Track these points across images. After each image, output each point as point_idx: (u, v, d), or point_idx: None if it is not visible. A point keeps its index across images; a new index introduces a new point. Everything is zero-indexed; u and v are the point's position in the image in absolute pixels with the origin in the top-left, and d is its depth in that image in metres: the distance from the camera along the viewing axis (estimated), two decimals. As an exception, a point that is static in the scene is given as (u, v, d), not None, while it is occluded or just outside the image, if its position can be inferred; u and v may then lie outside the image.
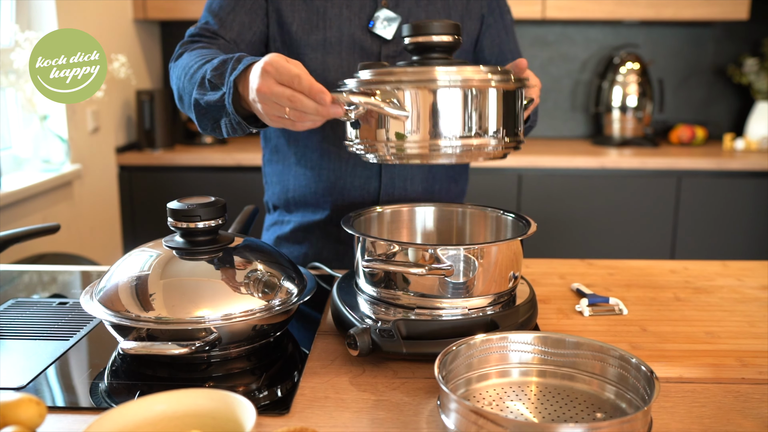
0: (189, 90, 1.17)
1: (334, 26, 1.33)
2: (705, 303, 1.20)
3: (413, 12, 1.36)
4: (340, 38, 1.34)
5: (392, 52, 1.35)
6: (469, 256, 0.99)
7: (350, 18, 1.34)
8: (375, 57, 1.35)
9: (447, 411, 0.78)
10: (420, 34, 1.02)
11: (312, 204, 1.44)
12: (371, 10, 1.34)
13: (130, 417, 0.69)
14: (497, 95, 0.98)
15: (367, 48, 1.34)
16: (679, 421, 0.82)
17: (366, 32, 1.34)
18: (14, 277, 1.37)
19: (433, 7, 1.37)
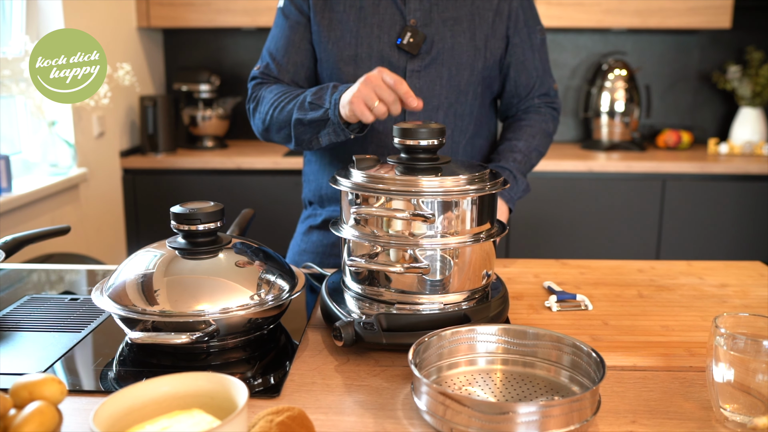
0: (282, 118, 1.45)
1: (365, 43, 1.47)
2: (665, 300, 1.30)
3: (440, 31, 1.47)
4: (370, 54, 1.47)
5: (417, 67, 1.47)
6: (444, 256, 1.09)
7: (380, 36, 1.47)
8: (401, 71, 1.47)
9: (419, 394, 0.88)
10: (408, 138, 1.12)
11: (337, 202, 1.57)
12: (400, 28, 1.46)
13: (138, 396, 0.79)
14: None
15: (394, 62, 1.47)
16: (628, 403, 0.92)
17: (394, 48, 1.47)
18: (24, 276, 1.46)
19: (459, 27, 1.48)
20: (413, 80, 1.47)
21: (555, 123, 1.63)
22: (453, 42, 1.47)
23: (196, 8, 3.23)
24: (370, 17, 1.47)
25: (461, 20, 1.48)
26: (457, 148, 1.53)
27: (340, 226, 1.16)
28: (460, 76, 1.49)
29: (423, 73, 1.47)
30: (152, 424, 0.76)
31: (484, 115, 1.57)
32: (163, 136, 3.22)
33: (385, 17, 1.47)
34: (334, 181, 1.14)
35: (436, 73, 1.48)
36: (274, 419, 0.82)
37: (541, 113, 1.59)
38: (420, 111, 1.46)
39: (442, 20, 1.47)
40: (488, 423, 0.81)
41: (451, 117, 1.51)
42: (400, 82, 1.23)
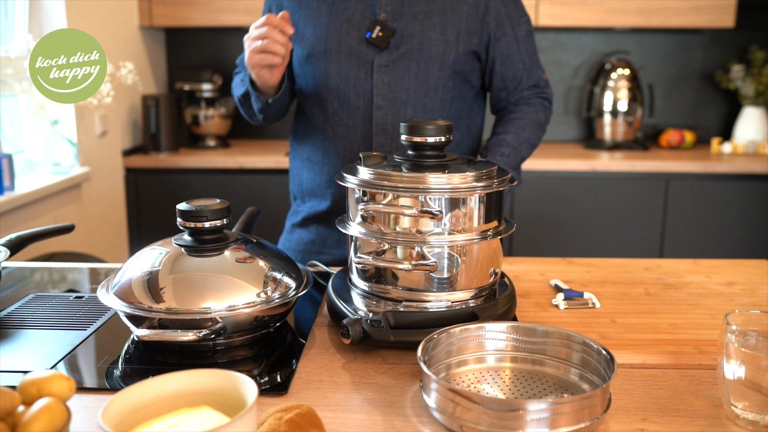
0: (236, 100, 1.61)
1: (334, 38, 1.48)
2: (673, 298, 1.29)
3: (410, 25, 1.47)
4: (339, 48, 1.48)
5: (385, 61, 1.47)
6: (452, 253, 1.08)
7: (349, 31, 1.48)
8: (369, 65, 1.47)
9: (428, 391, 0.87)
10: (415, 134, 1.12)
11: (318, 195, 1.60)
12: (370, 22, 1.46)
13: (147, 393, 0.79)
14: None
15: (362, 57, 1.48)
16: (638, 401, 0.92)
17: (363, 42, 1.47)
18: (27, 275, 1.46)
19: (430, 21, 1.47)
20: (381, 74, 1.48)
21: (547, 113, 1.62)
22: (422, 36, 1.47)
23: (199, 7, 3.22)
24: (341, 12, 1.49)
25: (432, 14, 1.48)
26: None
27: (347, 223, 1.15)
28: (429, 70, 1.49)
29: (391, 67, 1.48)
30: (161, 421, 0.76)
31: (461, 109, 1.56)
32: (166, 135, 3.21)
33: (356, 12, 1.48)
34: (341, 178, 1.14)
35: (404, 67, 1.48)
36: (283, 416, 0.81)
37: (531, 104, 1.59)
38: (388, 106, 1.47)
39: (412, 14, 1.47)
40: (498, 420, 0.80)
41: (420, 111, 1.51)
42: (267, 18, 1.35)
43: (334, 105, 1.52)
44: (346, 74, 1.48)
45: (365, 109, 1.49)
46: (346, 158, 1.54)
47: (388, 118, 1.49)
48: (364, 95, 1.49)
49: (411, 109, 1.50)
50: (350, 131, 1.52)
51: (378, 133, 1.50)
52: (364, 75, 1.48)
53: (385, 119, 1.49)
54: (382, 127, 1.50)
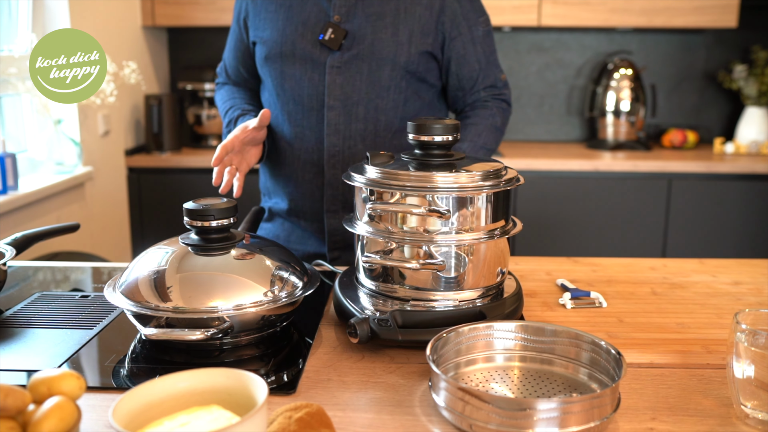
0: (223, 118, 1.63)
1: (289, 41, 1.50)
2: (679, 297, 1.29)
3: (362, 27, 1.48)
4: (293, 51, 1.50)
5: (336, 62, 1.48)
6: (459, 253, 1.08)
7: (304, 33, 1.49)
8: (322, 66, 1.49)
9: (437, 390, 0.87)
10: (423, 134, 1.12)
11: (278, 194, 1.63)
12: (324, 24, 1.48)
13: (156, 392, 0.79)
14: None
15: (315, 58, 1.49)
16: (647, 400, 0.92)
17: (317, 44, 1.49)
18: (30, 275, 1.45)
19: (382, 23, 1.48)
20: (333, 76, 1.48)
21: (505, 115, 1.61)
22: (374, 38, 1.47)
23: (202, 7, 3.22)
24: (296, 15, 1.50)
25: (385, 15, 1.48)
26: (382, 143, 1.53)
27: (354, 222, 1.15)
28: (381, 71, 1.49)
29: (343, 68, 1.48)
30: (171, 420, 0.76)
31: (418, 108, 1.56)
32: (168, 134, 3.21)
33: (311, 14, 1.49)
34: (348, 177, 1.14)
35: (356, 68, 1.48)
36: (292, 416, 0.81)
37: (488, 107, 1.57)
38: (340, 107, 1.49)
39: (365, 16, 1.48)
40: (508, 419, 0.80)
41: (372, 112, 1.51)
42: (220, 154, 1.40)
43: (290, 106, 1.53)
44: (301, 76, 1.50)
45: (318, 110, 1.51)
46: (301, 158, 1.55)
47: (340, 119, 1.50)
48: (317, 96, 1.50)
49: (363, 109, 1.50)
50: (305, 132, 1.53)
51: (330, 134, 1.50)
52: (318, 77, 1.49)
53: (337, 120, 1.50)
54: (334, 127, 1.50)
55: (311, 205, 1.58)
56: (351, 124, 1.50)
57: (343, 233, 1.58)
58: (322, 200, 1.56)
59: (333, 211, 1.56)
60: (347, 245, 1.59)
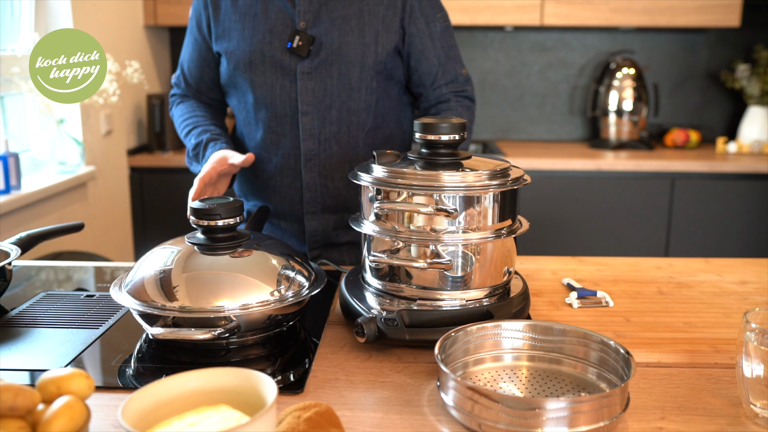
0: (184, 143, 1.60)
1: (258, 49, 1.49)
2: (686, 296, 1.29)
3: (328, 31, 1.48)
4: (263, 59, 1.50)
5: (307, 68, 1.48)
6: (466, 252, 1.08)
7: (271, 41, 1.49)
8: (293, 73, 1.49)
9: (446, 389, 0.87)
10: (429, 133, 1.12)
11: (259, 198, 1.63)
12: (291, 31, 1.48)
13: (165, 392, 0.78)
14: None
15: (285, 66, 1.49)
16: (655, 399, 0.91)
17: (285, 52, 1.48)
18: (32, 274, 1.45)
19: (347, 26, 1.48)
20: (305, 82, 1.49)
21: (469, 112, 1.61)
22: (341, 41, 1.48)
23: (204, 6, 3.21)
24: (262, 24, 1.49)
25: (350, 18, 1.48)
26: (356, 142, 1.54)
27: (360, 221, 1.15)
28: (351, 73, 1.49)
29: (314, 74, 1.49)
30: (180, 419, 0.75)
31: (388, 106, 1.57)
32: (170, 134, 3.21)
33: (277, 22, 1.49)
34: (354, 176, 1.13)
35: (326, 72, 1.49)
36: (301, 415, 0.81)
37: (452, 108, 1.58)
38: (313, 111, 1.50)
39: (330, 20, 1.48)
40: (518, 419, 0.80)
41: (345, 113, 1.51)
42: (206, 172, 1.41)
43: (263, 114, 1.53)
44: (272, 84, 1.50)
45: (292, 116, 1.51)
46: (277, 164, 1.55)
47: (314, 123, 1.50)
48: (290, 103, 1.50)
49: (335, 112, 1.51)
50: (280, 138, 1.53)
51: (306, 138, 1.51)
52: (289, 83, 1.49)
53: (312, 124, 1.50)
54: (309, 132, 1.51)
55: (290, 207, 1.59)
56: (325, 127, 1.51)
57: (322, 233, 1.59)
58: (302, 203, 1.57)
59: (312, 212, 1.57)
60: (327, 244, 1.61)
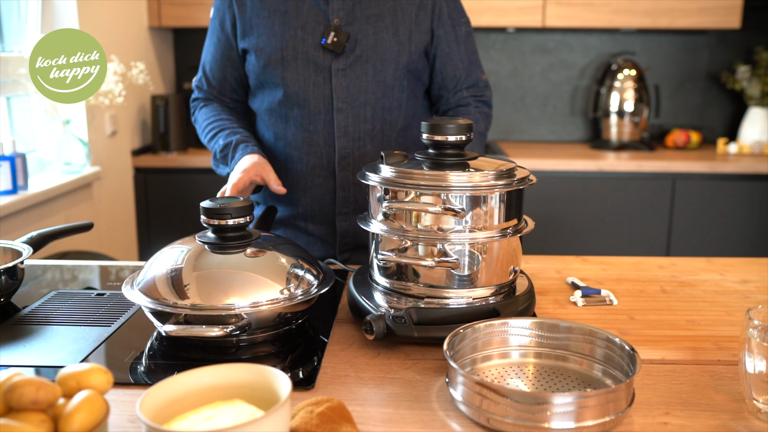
0: (209, 146, 1.59)
1: (290, 45, 1.49)
2: (688, 295, 1.31)
3: (363, 29, 1.49)
4: (295, 56, 1.50)
5: (342, 65, 1.49)
6: (473, 251, 1.10)
7: (304, 38, 1.49)
8: (327, 70, 1.50)
9: (455, 385, 0.89)
10: (436, 133, 1.14)
11: (283, 201, 1.61)
12: (324, 28, 1.49)
13: (181, 387, 0.80)
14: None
15: (319, 62, 1.50)
16: (660, 395, 0.93)
17: (319, 48, 1.49)
18: (38, 274, 1.46)
19: (382, 24, 1.50)
20: (339, 79, 1.50)
21: (487, 120, 1.63)
22: (376, 39, 1.49)
23: (208, 8, 3.23)
24: (293, 20, 1.50)
25: (384, 16, 1.50)
26: (388, 141, 1.55)
27: (368, 221, 1.17)
28: (386, 71, 1.51)
29: (348, 71, 1.50)
30: (196, 414, 0.77)
31: (416, 106, 1.59)
32: (174, 135, 3.22)
33: (309, 19, 1.50)
34: (363, 176, 1.15)
35: (361, 70, 1.50)
36: (314, 410, 0.83)
37: (470, 113, 1.59)
38: (348, 109, 1.50)
39: (365, 18, 1.49)
40: (525, 413, 0.82)
41: (379, 111, 1.53)
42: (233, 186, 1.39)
43: (295, 112, 1.53)
44: (305, 81, 1.50)
45: (326, 114, 1.51)
46: (309, 163, 1.55)
47: (348, 121, 1.51)
48: (324, 100, 1.51)
49: (370, 110, 1.52)
50: (312, 136, 1.53)
51: (340, 136, 1.52)
52: (323, 80, 1.50)
53: (346, 122, 1.51)
54: (343, 130, 1.51)
55: (321, 208, 1.58)
56: (360, 125, 1.52)
57: (353, 235, 1.59)
58: (333, 203, 1.57)
59: (344, 213, 1.57)
60: (357, 246, 1.60)
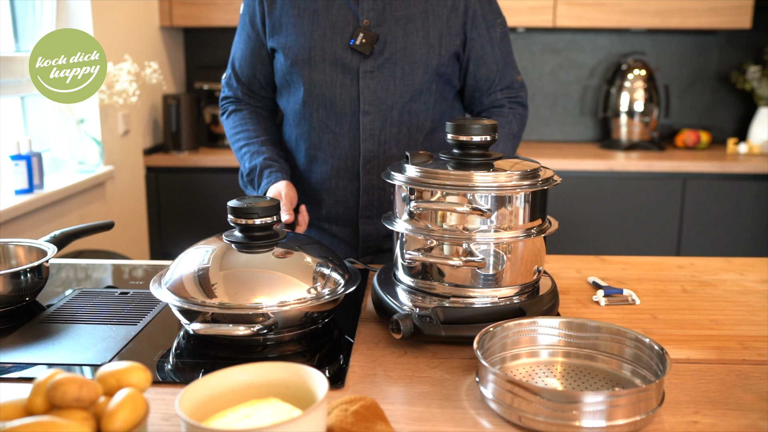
0: (236, 156, 1.59)
1: (318, 45, 1.48)
2: (710, 295, 1.31)
3: (392, 30, 1.48)
4: (323, 56, 1.48)
5: (370, 67, 1.48)
6: (498, 251, 1.10)
7: (333, 38, 1.48)
8: (354, 71, 1.48)
9: (485, 383, 0.89)
10: (461, 134, 1.14)
11: (307, 202, 1.60)
12: (353, 29, 1.47)
13: (217, 384, 0.81)
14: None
15: (347, 64, 1.48)
16: (687, 394, 0.94)
17: (347, 49, 1.48)
18: (53, 273, 1.47)
19: (412, 26, 1.48)
20: (367, 80, 1.48)
21: (521, 121, 1.62)
22: (405, 41, 1.48)
23: (219, 7, 3.24)
24: (323, 20, 1.48)
25: (414, 18, 1.48)
26: (415, 145, 1.54)
27: (393, 220, 1.17)
28: (414, 74, 1.49)
29: (376, 73, 1.48)
30: (233, 411, 0.78)
31: (444, 109, 1.58)
32: (186, 134, 3.23)
33: (339, 19, 1.48)
34: (388, 176, 1.16)
35: (389, 72, 1.49)
36: (348, 408, 0.83)
37: (504, 114, 1.58)
38: (375, 111, 1.49)
39: (395, 19, 1.48)
40: (557, 411, 0.82)
41: (406, 115, 1.52)
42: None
43: (320, 113, 1.52)
44: (332, 81, 1.49)
45: (352, 116, 1.50)
46: (334, 165, 1.54)
47: (375, 123, 1.50)
48: (351, 102, 1.49)
49: (397, 113, 1.50)
50: (337, 138, 1.52)
51: (366, 139, 1.51)
52: (350, 81, 1.49)
53: (372, 125, 1.50)
54: (369, 132, 1.50)
55: (345, 211, 1.58)
56: (386, 128, 1.51)
57: (376, 238, 1.59)
58: (357, 206, 1.56)
59: (368, 216, 1.56)
60: (380, 250, 1.60)
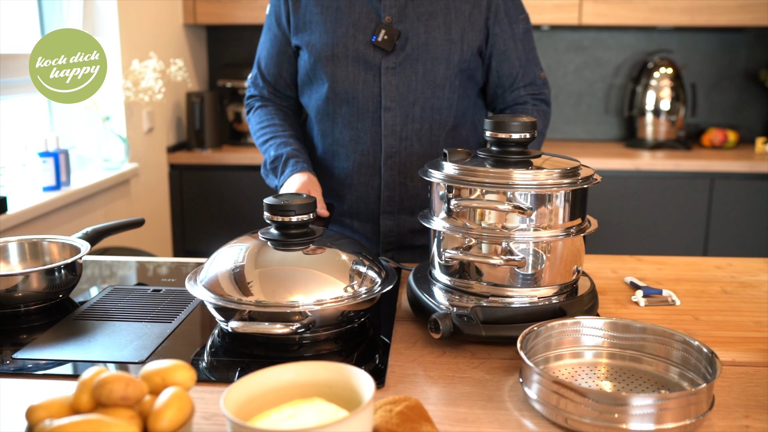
0: (261, 151, 1.58)
1: (341, 42, 1.48)
2: (751, 296, 1.28)
3: (414, 27, 1.47)
4: (346, 53, 1.48)
5: (392, 63, 1.48)
6: (537, 250, 1.08)
7: (355, 35, 1.48)
8: (376, 68, 1.48)
9: (529, 383, 0.88)
10: (500, 131, 1.13)
11: (329, 197, 1.59)
12: (375, 25, 1.47)
13: (261, 383, 0.80)
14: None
15: (369, 60, 1.48)
16: (736, 398, 0.91)
17: (369, 46, 1.47)
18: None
19: (434, 22, 1.48)
20: (389, 77, 1.48)
21: (545, 118, 1.60)
22: (427, 37, 1.47)
23: (242, 5, 3.24)
24: (345, 17, 1.48)
25: (436, 15, 1.48)
26: (437, 141, 1.53)
27: (430, 218, 1.16)
28: (436, 70, 1.49)
29: (398, 69, 1.48)
30: (278, 411, 0.77)
31: (466, 106, 1.56)
32: (209, 132, 3.23)
33: (361, 16, 1.48)
34: (425, 173, 1.14)
35: (411, 68, 1.48)
36: (392, 409, 0.82)
37: (528, 111, 1.57)
38: (397, 108, 1.48)
39: (417, 16, 1.47)
40: (604, 413, 0.81)
41: (428, 111, 1.51)
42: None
43: (343, 109, 1.52)
44: (354, 78, 1.49)
45: (374, 112, 1.50)
46: (356, 161, 1.54)
47: (396, 120, 1.50)
48: (373, 98, 1.49)
49: (419, 109, 1.50)
50: (359, 134, 1.52)
51: (387, 135, 1.50)
52: (372, 78, 1.48)
53: (394, 121, 1.50)
54: (391, 128, 1.50)
55: (366, 206, 1.57)
56: (408, 124, 1.50)
57: (397, 234, 1.58)
58: (378, 202, 1.56)
59: (389, 212, 1.56)
60: (401, 246, 1.59)
